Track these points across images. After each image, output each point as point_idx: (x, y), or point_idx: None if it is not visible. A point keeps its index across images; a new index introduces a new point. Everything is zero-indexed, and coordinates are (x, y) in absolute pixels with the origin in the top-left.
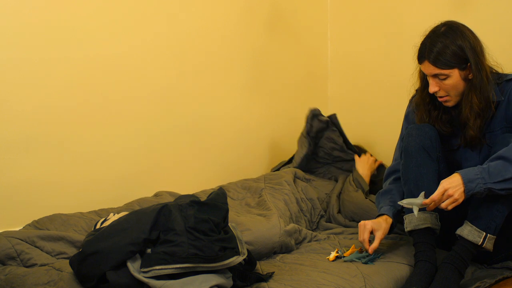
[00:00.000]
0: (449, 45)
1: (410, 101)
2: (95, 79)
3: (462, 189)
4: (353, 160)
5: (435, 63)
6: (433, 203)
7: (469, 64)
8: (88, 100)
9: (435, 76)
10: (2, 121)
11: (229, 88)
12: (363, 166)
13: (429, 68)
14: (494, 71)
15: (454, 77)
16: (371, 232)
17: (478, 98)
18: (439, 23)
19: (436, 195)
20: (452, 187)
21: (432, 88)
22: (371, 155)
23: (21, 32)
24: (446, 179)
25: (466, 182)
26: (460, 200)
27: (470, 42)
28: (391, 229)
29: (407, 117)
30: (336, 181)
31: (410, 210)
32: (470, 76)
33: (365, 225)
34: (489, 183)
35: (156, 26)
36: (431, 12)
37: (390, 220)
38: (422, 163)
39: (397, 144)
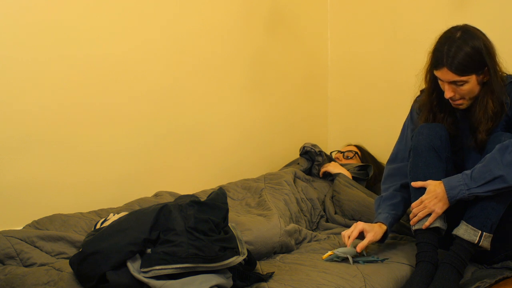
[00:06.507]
0: (467, 50)
1: (416, 100)
2: (95, 79)
3: (441, 199)
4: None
5: (454, 70)
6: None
7: (486, 68)
8: (88, 100)
9: (452, 82)
10: (2, 121)
11: (229, 88)
12: (341, 169)
13: (447, 75)
14: (502, 72)
15: (471, 82)
16: (363, 234)
17: (493, 102)
18: (451, 27)
19: (413, 204)
20: (429, 198)
21: (448, 93)
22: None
23: (21, 32)
24: (428, 188)
25: (448, 189)
26: (439, 211)
27: (486, 45)
28: (384, 237)
29: (411, 114)
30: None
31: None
32: (486, 79)
33: (357, 224)
34: (472, 188)
35: (156, 26)
36: (431, 13)
37: (384, 227)
38: (431, 163)
39: (397, 142)
